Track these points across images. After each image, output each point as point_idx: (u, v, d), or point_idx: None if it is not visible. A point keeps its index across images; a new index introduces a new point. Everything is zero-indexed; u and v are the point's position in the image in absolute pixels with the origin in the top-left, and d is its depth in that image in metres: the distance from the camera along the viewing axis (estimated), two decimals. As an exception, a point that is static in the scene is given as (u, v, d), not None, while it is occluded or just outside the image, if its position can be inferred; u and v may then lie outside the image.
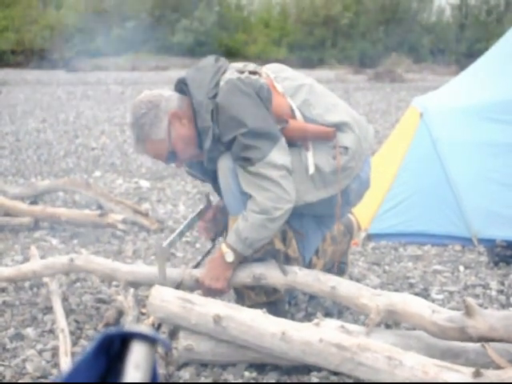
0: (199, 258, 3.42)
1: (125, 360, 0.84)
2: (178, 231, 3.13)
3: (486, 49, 5.86)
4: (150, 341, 0.84)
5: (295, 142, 2.88)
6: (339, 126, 2.92)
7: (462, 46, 34.07)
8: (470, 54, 29.34)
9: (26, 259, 4.13)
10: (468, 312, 2.42)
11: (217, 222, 3.19)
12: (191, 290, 3.14)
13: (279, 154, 2.76)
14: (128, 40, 37.87)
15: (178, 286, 3.04)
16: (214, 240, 3.29)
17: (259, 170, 2.74)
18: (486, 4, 38.05)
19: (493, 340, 2.40)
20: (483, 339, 2.42)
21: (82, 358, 0.88)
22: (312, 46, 35.72)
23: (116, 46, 36.04)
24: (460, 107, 4.92)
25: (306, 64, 29.16)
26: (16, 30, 35.23)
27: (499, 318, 2.41)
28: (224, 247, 2.88)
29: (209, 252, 3.35)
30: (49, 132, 10.80)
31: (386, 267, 4.17)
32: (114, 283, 3.84)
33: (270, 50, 35.42)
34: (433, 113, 4.91)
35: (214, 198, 3.42)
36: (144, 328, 0.83)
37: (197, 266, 3.25)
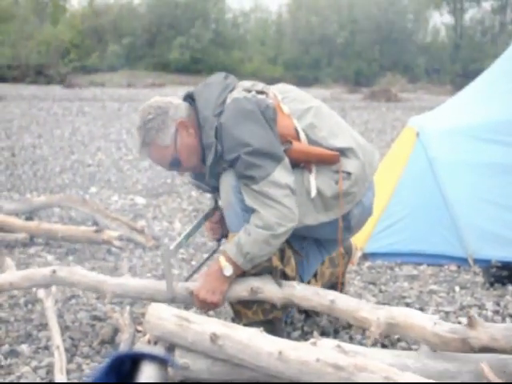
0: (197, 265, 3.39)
1: (135, 380, 0.83)
2: (184, 234, 3.12)
3: (481, 69, 5.89)
4: (161, 361, 0.84)
5: (298, 164, 2.89)
6: (344, 151, 2.93)
7: (456, 66, 34.30)
8: (465, 74, 29.57)
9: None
10: (470, 323, 2.43)
11: (223, 223, 3.16)
12: (185, 302, 3.14)
13: (283, 174, 2.77)
14: (124, 56, 38.00)
15: (174, 298, 3.04)
16: (219, 240, 3.27)
17: (263, 189, 2.74)
18: (480, 25, 38.32)
19: (494, 351, 2.40)
20: (485, 350, 2.42)
21: (94, 378, 0.88)
22: (307, 65, 35.92)
23: (112, 63, 36.13)
24: (456, 127, 4.94)
25: (302, 82, 29.27)
26: (12, 45, 35.29)
27: (500, 329, 2.42)
28: (223, 260, 2.86)
29: (213, 254, 3.32)
30: (45, 148, 10.79)
31: (382, 287, 4.17)
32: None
33: (265, 68, 35.58)
34: (429, 133, 4.93)
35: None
36: (155, 349, 0.83)
37: (193, 273, 3.25)
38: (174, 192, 7.49)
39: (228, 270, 2.86)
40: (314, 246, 3.12)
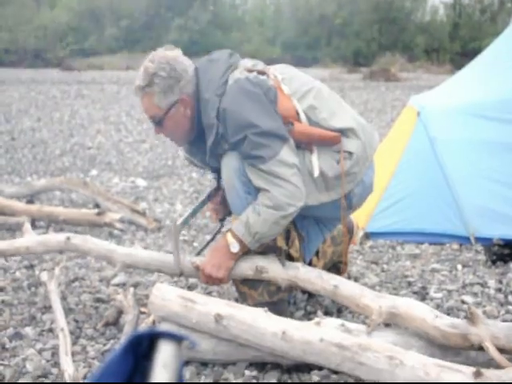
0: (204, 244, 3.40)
1: (152, 359, 0.84)
2: (190, 211, 3.13)
3: (480, 48, 5.88)
4: (177, 340, 0.84)
5: (299, 145, 2.88)
6: (344, 131, 2.92)
7: (455, 45, 34.13)
8: (464, 53, 29.45)
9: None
10: (471, 319, 2.42)
11: (225, 203, 3.16)
12: (191, 277, 3.17)
13: (289, 153, 2.77)
14: (122, 39, 37.83)
15: (181, 273, 3.06)
16: (222, 220, 3.27)
17: (271, 168, 2.74)
18: (479, 3, 38.07)
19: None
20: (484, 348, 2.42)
21: (112, 358, 0.88)
22: (306, 45, 35.75)
23: (110, 45, 35.97)
24: (457, 106, 4.93)
25: (301, 63, 29.13)
26: (10, 29, 35.12)
27: (502, 327, 2.43)
28: (230, 237, 2.87)
29: (216, 234, 3.33)
30: (44, 131, 10.79)
31: (384, 266, 4.18)
32: (113, 282, 3.83)
33: (264, 49, 35.41)
34: (430, 112, 4.91)
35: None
36: (171, 328, 0.83)
37: (200, 252, 3.25)
38: (175, 174, 7.49)
39: (235, 247, 2.87)
40: (314, 225, 3.12)
